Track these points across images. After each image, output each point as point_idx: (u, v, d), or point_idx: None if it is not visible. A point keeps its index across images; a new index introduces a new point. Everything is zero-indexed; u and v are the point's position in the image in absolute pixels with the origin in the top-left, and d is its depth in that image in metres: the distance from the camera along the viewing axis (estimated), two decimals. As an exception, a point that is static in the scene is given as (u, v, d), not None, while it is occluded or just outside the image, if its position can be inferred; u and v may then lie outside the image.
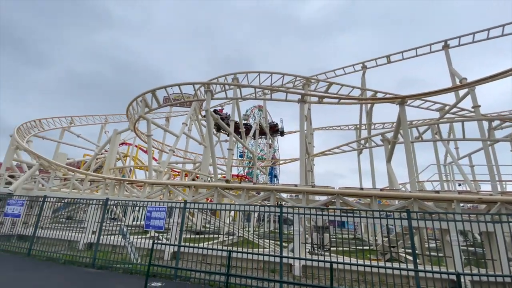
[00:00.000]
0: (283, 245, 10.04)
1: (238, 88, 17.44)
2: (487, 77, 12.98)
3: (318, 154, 24.42)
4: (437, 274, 5.84)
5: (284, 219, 11.01)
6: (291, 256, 7.15)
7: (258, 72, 20.11)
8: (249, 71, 20.52)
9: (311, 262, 7.45)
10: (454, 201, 8.86)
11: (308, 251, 11.11)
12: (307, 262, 7.63)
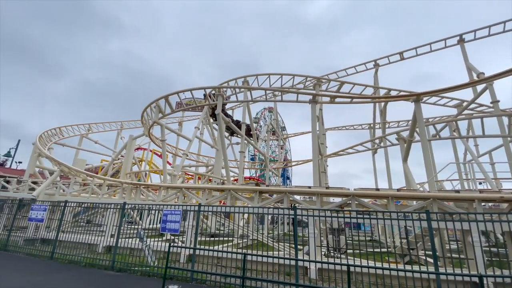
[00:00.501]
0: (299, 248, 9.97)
1: (248, 91, 17.54)
2: (505, 71, 12.42)
3: (331, 155, 24.09)
4: (459, 276, 5.61)
5: (298, 221, 10.92)
6: (306, 259, 7.08)
7: (268, 74, 20.19)
8: (259, 74, 20.63)
9: (327, 265, 7.35)
10: (475, 200, 8.50)
11: (323, 254, 10.97)
12: (323, 265, 7.53)
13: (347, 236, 15.71)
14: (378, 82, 22.42)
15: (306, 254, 8.90)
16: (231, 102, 18.91)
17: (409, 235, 12.28)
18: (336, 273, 7.07)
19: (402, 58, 22.11)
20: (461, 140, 17.56)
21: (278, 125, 33.34)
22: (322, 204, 10.93)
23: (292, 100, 15.78)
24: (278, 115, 36.48)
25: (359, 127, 29.80)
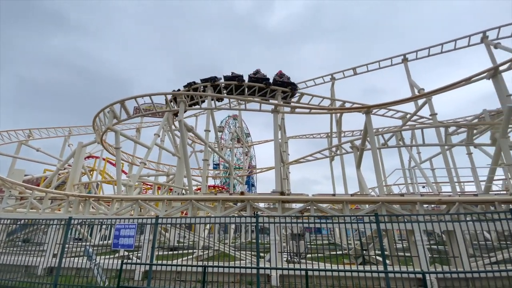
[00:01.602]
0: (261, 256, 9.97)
1: (212, 99, 17.40)
2: (441, 88, 14.34)
3: (292, 162, 24.91)
4: (405, 274, 6.15)
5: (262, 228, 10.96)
6: (267, 267, 7.11)
7: (232, 82, 20.28)
8: (223, 82, 20.61)
9: (287, 271, 7.46)
10: (418, 203, 9.50)
11: (285, 260, 11.13)
12: (283, 271, 7.63)
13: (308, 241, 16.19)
14: (334, 94, 24.06)
15: (268, 261, 8.94)
16: (194, 109, 18.52)
17: (363, 237, 13.15)
18: (296, 278, 7.22)
19: (355, 73, 24.13)
20: (405, 148, 19.57)
21: (242, 133, 33.51)
22: (284, 211, 11.17)
23: (256, 109, 16.05)
24: (242, 123, 36.72)
25: (318, 136, 31.46)
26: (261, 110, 15.67)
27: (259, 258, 7.37)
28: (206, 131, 18.39)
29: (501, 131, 12.99)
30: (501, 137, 12.94)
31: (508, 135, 14.18)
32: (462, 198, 9.64)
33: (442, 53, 21.84)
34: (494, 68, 13.45)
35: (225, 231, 19.32)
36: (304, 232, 11.91)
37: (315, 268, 6.41)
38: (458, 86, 13.69)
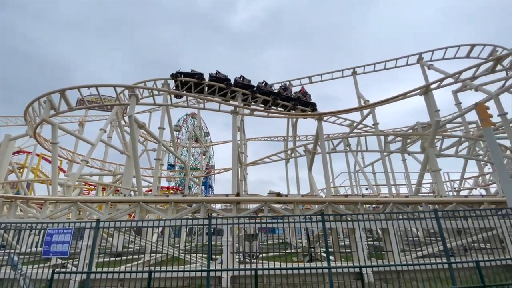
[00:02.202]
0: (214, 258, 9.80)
1: (168, 95, 16.61)
2: (383, 100, 16.05)
3: (250, 163, 25.19)
4: (345, 268, 6.68)
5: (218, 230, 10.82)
6: (217, 269, 7.02)
7: (192, 80, 19.69)
8: (182, 78, 19.87)
9: (238, 272, 7.48)
10: (359, 203, 10.43)
11: (238, 261, 11.16)
12: (234, 272, 7.63)
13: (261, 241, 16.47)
14: (292, 99, 25.08)
15: (220, 263, 8.85)
16: (148, 105, 17.43)
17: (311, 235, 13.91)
18: (246, 279, 7.28)
19: (310, 82, 25.60)
20: (351, 153, 21.35)
21: (201, 132, 32.71)
22: (239, 212, 11.20)
23: (215, 109, 15.83)
24: (201, 121, 35.86)
25: (276, 138, 32.44)
26: (220, 110, 15.50)
27: (210, 261, 7.24)
28: (160, 128, 17.48)
29: (429, 141, 15.05)
30: (429, 147, 15.00)
31: (435, 145, 16.52)
32: (395, 199, 10.89)
33: (385, 69, 24.53)
34: (425, 86, 15.55)
35: (178, 234, 18.60)
36: (258, 232, 12.10)
37: (265, 267, 6.56)
38: (396, 100, 15.47)
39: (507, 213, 7.89)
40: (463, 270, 7.54)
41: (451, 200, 11.03)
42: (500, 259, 7.60)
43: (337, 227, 8.27)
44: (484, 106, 9.64)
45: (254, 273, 5.49)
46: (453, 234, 10.62)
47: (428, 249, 10.42)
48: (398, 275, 8.17)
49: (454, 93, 20.50)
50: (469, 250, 10.78)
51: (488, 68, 14.77)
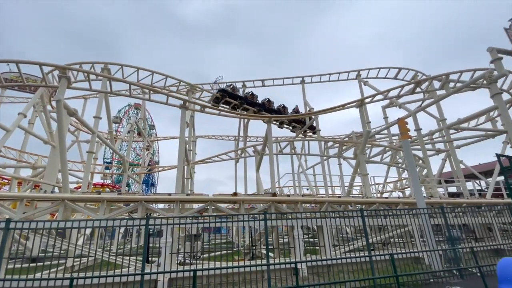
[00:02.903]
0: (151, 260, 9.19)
1: (108, 81, 14.92)
2: (324, 109, 17.50)
3: (198, 162, 24.50)
4: (282, 264, 7.02)
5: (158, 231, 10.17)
6: (153, 271, 6.60)
7: (137, 68, 18.19)
8: (125, 64, 18.18)
9: (176, 274, 7.18)
10: (299, 202, 11.12)
11: (178, 262, 10.70)
12: (171, 274, 7.28)
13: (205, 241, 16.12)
14: (244, 100, 25.38)
15: (158, 265, 8.34)
16: (81, 90, 15.34)
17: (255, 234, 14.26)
18: (184, 280, 7.03)
19: (263, 85, 26.34)
20: (296, 156, 22.66)
21: (145, 125, 30.40)
22: (182, 211, 10.76)
23: (162, 101, 14.89)
24: (146, 113, 33.34)
25: (227, 138, 32.31)
26: (168, 103, 14.64)
27: (145, 263, 6.76)
28: (96, 117, 15.66)
29: (360, 149, 16.96)
30: (360, 153, 16.90)
31: (365, 152, 18.69)
32: (330, 199, 11.94)
33: (329, 81, 26.79)
34: (360, 100, 17.50)
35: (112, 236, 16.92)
36: (201, 232, 11.82)
37: (205, 267, 6.43)
38: (336, 110, 17.04)
39: (417, 213, 9.43)
40: (381, 262, 8.72)
41: (374, 201, 12.63)
42: (410, 252, 9.00)
43: (277, 225, 8.66)
44: (404, 122, 11.34)
45: (193, 274, 5.33)
46: (375, 230, 12.19)
47: (354, 244, 11.73)
48: (329, 269, 8.98)
49: (383, 108, 23.61)
50: (387, 244, 12.52)
51: (410, 89, 17.46)
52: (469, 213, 10.16)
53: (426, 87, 18.56)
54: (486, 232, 12.89)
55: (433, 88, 18.29)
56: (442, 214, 8.77)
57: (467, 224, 12.12)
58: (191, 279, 6.79)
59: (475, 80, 15.92)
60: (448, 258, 8.72)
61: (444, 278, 7.66)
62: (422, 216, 8.98)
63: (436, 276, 7.72)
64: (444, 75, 17.43)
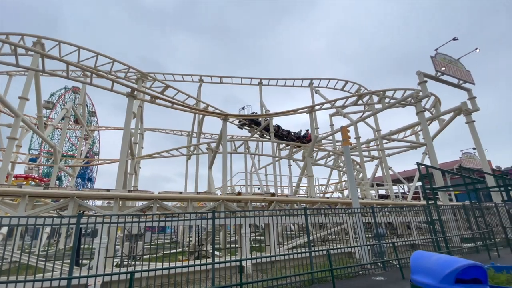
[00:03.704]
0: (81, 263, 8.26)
1: (41, 57, 12.86)
2: (279, 112, 18.14)
3: (145, 156, 22.91)
4: (228, 263, 7.04)
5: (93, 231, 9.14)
6: (82, 275, 5.92)
7: (79, 46, 16.14)
8: (65, 42, 15.97)
9: (110, 277, 6.59)
10: (249, 201, 11.31)
11: (115, 265, 9.84)
12: (105, 278, 6.66)
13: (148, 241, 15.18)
14: (200, 95, 24.69)
15: (90, 268, 7.52)
16: (6, 64, 12.89)
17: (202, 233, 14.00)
18: (121, 284, 6.50)
19: (221, 82, 26.03)
20: (250, 155, 22.98)
21: (84, 112, 27.11)
22: (123, 209, 9.95)
23: (106, 87, 13.47)
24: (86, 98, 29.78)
25: (179, 133, 30.96)
26: (113, 90, 13.30)
27: (73, 266, 6.04)
28: (22, 98, 13.40)
29: (308, 152, 18.06)
30: (308, 156, 18.00)
31: (312, 155, 19.97)
32: (278, 198, 12.44)
33: (285, 86, 27.88)
34: (311, 107, 18.64)
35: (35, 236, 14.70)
36: (143, 232, 11.07)
37: (144, 269, 6.04)
38: (289, 113, 17.84)
39: (352, 212, 10.45)
40: (320, 257, 9.44)
41: (317, 200, 13.61)
42: (344, 247, 9.92)
43: (225, 224, 8.66)
44: (347, 130, 12.48)
45: (130, 276, 4.96)
46: (316, 228, 13.14)
47: (297, 241, 12.45)
48: (272, 265, 9.34)
49: (330, 116, 25.56)
50: (326, 241, 13.62)
51: (353, 101, 19.29)
52: (393, 213, 11.70)
53: (366, 100, 20.76)
54: (405, 229, 15.04)
55: (372, 102, 20.58)
56: (372, 213, 9.91)
57: (391, 222, 13.96)
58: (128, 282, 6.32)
59: (405, 98, 18.44)
60: (375, 252, 9.90)
61: (371, 270, 8.67)
62: (356, 215, 10.01)
63: (364, 269, 8.68)
64: (382, 91, 19.77)
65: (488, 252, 10.62)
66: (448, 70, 17.55)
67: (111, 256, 7.71)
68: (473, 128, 17.38)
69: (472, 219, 12.92)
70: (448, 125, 19.05)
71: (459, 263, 2.81)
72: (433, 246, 10.58)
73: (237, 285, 6.12)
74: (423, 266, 3.18)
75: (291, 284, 7.12)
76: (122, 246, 8.56)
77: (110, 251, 7.93)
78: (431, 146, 16.30)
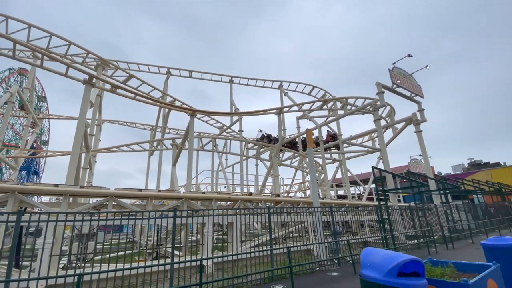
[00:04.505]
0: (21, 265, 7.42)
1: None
2: (248, 112, 18.24)
3: (102, 150, 21.27)
4: (188, 262, 6.88)
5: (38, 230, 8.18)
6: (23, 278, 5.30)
7: (29, 24, 14.42)
8: (13, 17, 14.14)
9: (55, 280, 6.01)
10: (214, 199, 11.17)
11: (62, 267, 9.01)
12: (48, 281, 6.05)
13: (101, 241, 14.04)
14: (167, 88, 23.70)
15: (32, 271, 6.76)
16: None
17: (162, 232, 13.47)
18: (67, 287, 5.95)
19: (190, 76, 25.28)
20: (217, 153, 22.73)
21: (32, 97, 24.21)
22: (74, 206, 9.13)
23: (60, 71, 12.23)
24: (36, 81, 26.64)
25: (142, 126, 29.35)
26: (68, 75, 12.10)
27: (11, 268, 5.38)
28: None
29: (275, 152, 18.43)
30: (274, 156, 18.37)
31: (278, 156, 20.43)
32: (242, 197, 12.50)
33: (256, 86, 28.12)
34: (279, 108, 19.07)
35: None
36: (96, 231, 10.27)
37: (95, 271, 5.62)
38: (258, 113, 18.04)
39: (312, 211, 10.93)
40: (281, 255, 9.70)
41: (281, 200, 13.96)
42: (303, 244, 10.33)
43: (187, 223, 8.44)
44: (311, 133, 13.02)
45: (78, 278, 4.57)
46: (279, 226, 13.47)
47: (259, 239, 12.65)
48: (234, 263, 9.36)
49: (297, 119, 26.42)
50: (287, 238, 14.05)
51: (319, 106, 20.21)
52: (349, 212, 12.52)
53: (330, 106, 21.89)
54: (359, 227, 16.18)
55: (336, 108, 21.77)
56: (330, 212, 10.49)
57: (348, 221, 14.90)
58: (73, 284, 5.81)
59: (364, 106, 19.84)
60: (331, 249, 10.50)
61: (327, 266, 9.17)
62: (316, 214, 10.50)
63: (321, 265, 9.15)
64: (345, 98, 21.01)
65: (428, 248, 11.93)
66: (403, 84, 19.31)
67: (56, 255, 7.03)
68: (420, 137, 19.37)
69: (416, 219, 14.41)
70: (400, 133, 20.98)
71: (401, 258, 3.11)
72: (382, 243, 11.55)
73: (197, 285, 6.01)
74: (371, 262, 3.46)
75: (251, 282, 7.22)
76: (71, 247, 7.83)
77: (56, 252, 7.21)
78: (384, 152, 17.79)
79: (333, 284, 7.06)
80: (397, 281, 3.03)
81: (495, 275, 3.43)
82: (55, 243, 7.17)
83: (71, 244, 7.81)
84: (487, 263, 3.70)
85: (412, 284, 2.99)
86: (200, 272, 6.05)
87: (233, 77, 27.01)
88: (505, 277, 3.81)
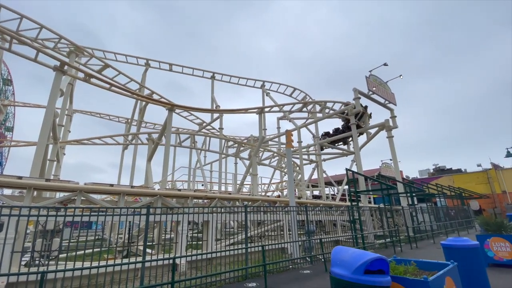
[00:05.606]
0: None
1: None
2: (229, 109, 18.14)
3: (71, 142, 20.04)
4: (160, 261, 6.74)
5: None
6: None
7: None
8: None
9: (16, 278, 5.62)
10: (190, 197, 11.01)
11: (25, 264, 8.41)
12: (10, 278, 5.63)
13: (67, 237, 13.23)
14: (145, 81, 22.87)
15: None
16: None
17: (134, 229, 13.05)
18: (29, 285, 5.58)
19: (170, 69, 24.56)
20: (195, 150, 22.36)
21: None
22: (38, 200, 8.55)
23: (29, 56, 11.33)
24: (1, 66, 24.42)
25: (116, 119, 28.06)
26: (37, 61, 11.24)
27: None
28: None
29: (254, 151, 18.52)
30: (253, 155, 18.45)
31: (258, 155, 20.55)
32: (219, 195, 12.45)
33: (238, 84, 28.01)
34: (261, 108, 19.17)
35: None
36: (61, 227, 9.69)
37: (60, 269, 5.32)
38: (240, 112, 18.00)
39: (288, 210, 11.16)
40: (256, 254, 9.80)
41: (259, 199, 14.09)
42: (278, 243, 10.52)
43: (161, 220, 8.26)
44: (291, 134, 13.26)
45: (41, 276, 4.30)
46: (255, 225, 13.59)
47: (235, 238, 12.68)
48: (209, 262, 9.30)
49: (277, 119, 26.76)
50: (263, 237, 14.20)
51: (299, 108, 20.61)
52: (323, 212, 12.94)
53: (310, 109, 22.42)
54: (332, 227, 16.78)
55: (315, 110, 22.34)
56: (305, 212, 10.78)
57: (321, 221, 15.39)
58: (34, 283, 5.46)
59: (342, 110, 20.57)
60: (305, 248, 10.80)
61: (300, 264, 9.43)
62: (292, 213, 10.74)
63: (295, 263, 9.39)
64: (323, 102, 21.62)
65: (394, 247, 12.68)
66: (378, 91, 20.29)
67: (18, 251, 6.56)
68: (391, 142, 20.47)
69: (384, 219, 15.24)
70: (373, 138, 22.01)
71: (367, 257, 3.30)
72: (353, 242, 12.09)
73: (169, 284, 5.91)
74: (340, 260, 3.63)
75: (225, 280, 7.23)
76: (34, 243, 7.33)
77: (18, 248, 6.71)
78: (358, 155, 18.59)
79: (305, 282, 7.28)
80: (364, 278, 3.22)
81: (452, 273, 3.75)
82: (17, 239, 6.68)
83: (35, 241, 7.31)
84: (446, 262, 4.03)
85: (377, 281, 3.20)
86: (172, 271, 5.96)
87: (215, 73, 26.69)
88: (461, 275, 4.19)
